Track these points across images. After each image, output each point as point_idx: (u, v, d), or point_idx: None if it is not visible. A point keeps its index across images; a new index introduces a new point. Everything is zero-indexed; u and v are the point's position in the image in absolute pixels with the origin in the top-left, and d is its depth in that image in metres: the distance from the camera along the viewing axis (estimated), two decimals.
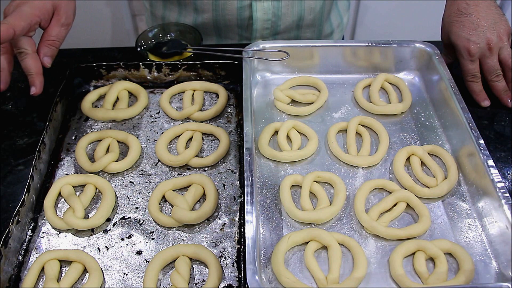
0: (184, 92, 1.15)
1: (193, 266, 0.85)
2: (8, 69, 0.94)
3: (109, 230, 0.91)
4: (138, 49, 1.23)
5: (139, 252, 0.87)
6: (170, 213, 0.92)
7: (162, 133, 1.06)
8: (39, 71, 0.96)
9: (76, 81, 1.16)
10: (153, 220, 0.92)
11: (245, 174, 0.88)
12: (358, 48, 1.15)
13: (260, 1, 1.26)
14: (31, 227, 0.91)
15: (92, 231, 0.90)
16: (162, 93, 1.15)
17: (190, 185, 0.96)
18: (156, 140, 1.06)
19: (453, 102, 1.01)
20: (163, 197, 0.95)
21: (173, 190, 0.95)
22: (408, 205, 0.92)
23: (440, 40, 1.18)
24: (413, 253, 0.85)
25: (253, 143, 0.95)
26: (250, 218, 0.82)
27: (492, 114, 1.11)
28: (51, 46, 0.98)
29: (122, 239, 0.89)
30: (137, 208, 0.94)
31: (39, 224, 0.91)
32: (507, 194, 0.85)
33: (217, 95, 1.15)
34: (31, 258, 0.87)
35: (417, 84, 1.17)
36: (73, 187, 0.96)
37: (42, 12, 0.95)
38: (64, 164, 1.01)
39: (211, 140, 1.06)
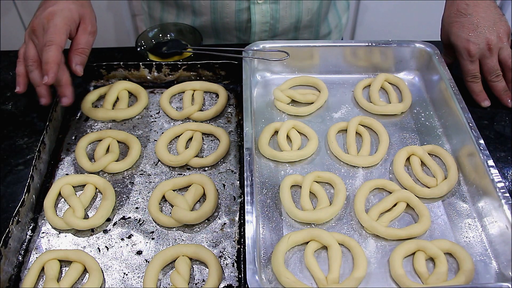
0: (184, 92, 1.15)
1: (193, 266, 0.85)
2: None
3: (109, 230, 0.90)
4: (138, 49, 1.23)
5: (139, 252, 0.87)
6: (170, 213, 0.92)
7: (162, 133, 1.06)
8: (68, 81, 1.00)
9: (76, 81, 1.16)
10: (153, 220, 0.92)
11: (245, 174, 0.88)
12: (358, 48, 1.15)
13: (258, 4, 1.26)
14: (31, 227, 0.91)
15: (92, 231, 0.90)
16: (162, 93, 1.15)
17: (190, 185, 0.96)
18: (156, 140, 1.05)
19: (453, 102, 1.01)
20: (163, 197, 0.95)
21: (173, 190, 0.95)
22: (408, 205, 0.92)
23: (440, 40, 1.18)
24: (413, 253, 0.85)
25: (253, 143, 0.95)
26: (250, 218, 0.82)
27: (492, 114, 1.11)
28: (82, 54, 1.01)
29: (122, 239, 0.89)
30: (137, 208, 0.94)
31: (39, 224, 0.91)
32: (507, 194, 0.85)
33: (217, 95, 1.15)
34: (31, 258, 0.86)
35: (417, 84, 1.17)
36: (73, 187, 0.96)
37: (71, 23, 0.99)
38: (64, 164, 1.01)
39: (211, 140, 1.06)
